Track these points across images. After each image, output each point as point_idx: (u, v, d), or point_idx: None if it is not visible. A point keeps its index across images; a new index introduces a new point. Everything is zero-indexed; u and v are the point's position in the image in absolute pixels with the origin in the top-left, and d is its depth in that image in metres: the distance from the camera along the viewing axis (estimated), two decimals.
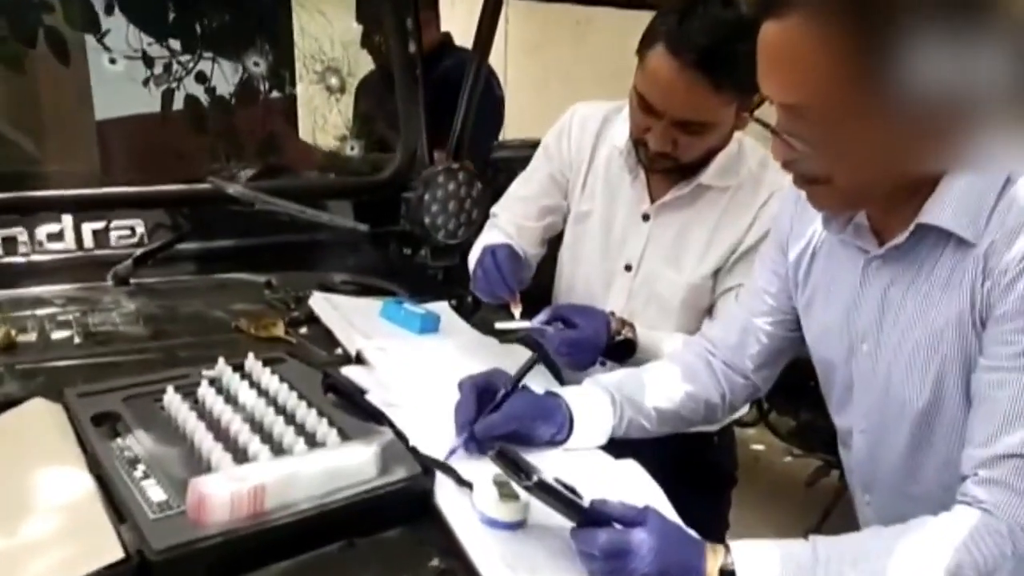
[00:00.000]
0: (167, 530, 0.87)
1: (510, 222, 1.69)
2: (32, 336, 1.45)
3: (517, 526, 1.00)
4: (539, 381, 1.31)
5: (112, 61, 2.03)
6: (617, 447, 1.25)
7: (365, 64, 2.16)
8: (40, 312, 1.56)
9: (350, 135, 2.29)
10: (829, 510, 2.94)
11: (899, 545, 0.91)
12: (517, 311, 1.46)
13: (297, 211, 1.48)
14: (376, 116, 2.29)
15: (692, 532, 1.00)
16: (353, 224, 1.43)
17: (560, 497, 0.94)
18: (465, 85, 1.99)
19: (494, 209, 1.75)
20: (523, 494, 0.97)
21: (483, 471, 1.03)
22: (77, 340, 1.45)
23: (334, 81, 2.18)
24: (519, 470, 0.95)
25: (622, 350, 1.45)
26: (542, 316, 1.42)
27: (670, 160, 1.46)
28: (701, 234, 1.53)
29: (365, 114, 2.36)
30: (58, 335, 1.47)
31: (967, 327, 0.97)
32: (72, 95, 3.20)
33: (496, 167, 2.44)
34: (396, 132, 1.99)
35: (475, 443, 1.14)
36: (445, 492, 1.05)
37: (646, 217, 1.57)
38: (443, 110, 2.01)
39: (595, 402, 1.25)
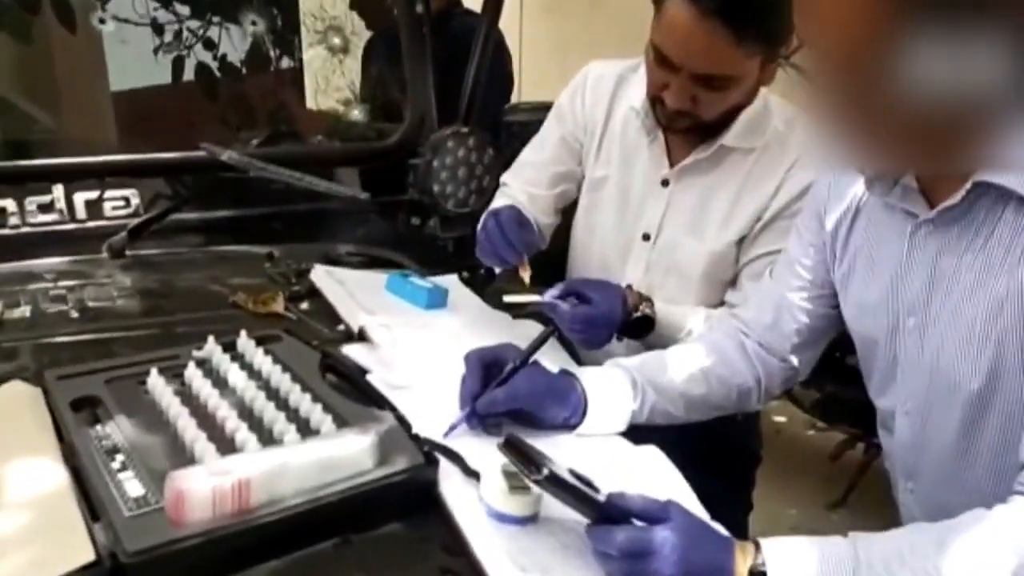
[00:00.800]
0: (143, 529, 0.80)
1: (521, 190, 1.60)
2: (22, 312, 1.39)
3: (528, 521, 0.92)
4: (553, 359, 1.23)
5: (102, 21, 1.92)
6: (635, 431, 1.17)
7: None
8: (31, 287, 1.49)
9: (355, 99, 2.19)
10: (854, 485, 2.88)
11: (954, 541, 0.82)
12: (526, 275, 1.37)
13: (294, 178, 1.39)
14: (382, 79, 2.19)
15: (719, 527, 0.91)
16: (353, 192, 1.34)
17: (574, 491, 0.86)
18: (475, 48, 1.89)
19: (504, 177, 1.67)
20: (534, 486, 0.89)
21: (492, 460, 0.95)
22: (69, 316, 1.39)
23: (336, 41, 2.07)
24: (529, 461, 0.86)
25: (640, 326, 1.36)
26: (554, 291, 1.33)
27: (690, 119, 1.36)
28: (724, 199, 1.43)
29: (371, 77, 2.26)
30: (49, 311, 1.41)
31: None
32: (83, 63, 3.14)
33: (510, 132, 2.33)
34: (403, 95, 1.89)
35: (478, 419, 1.08)
36: (450, 483, 0.97)
37: (665, 183, 1.47)
38: (450, 76, 1.91)
39: (614, 384, 1.17)
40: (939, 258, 0.96)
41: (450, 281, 1.58)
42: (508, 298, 1.39)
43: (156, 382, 1.03)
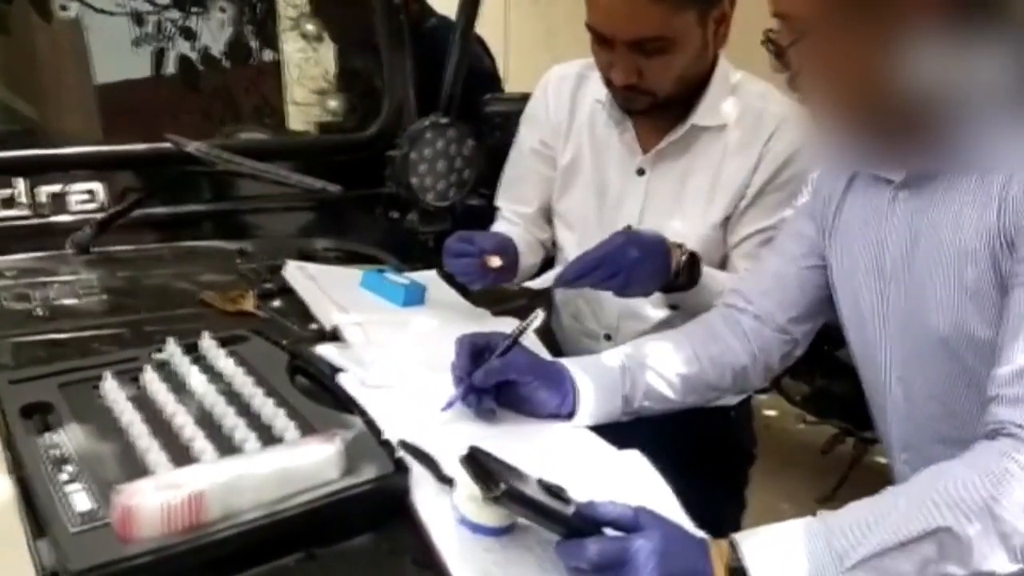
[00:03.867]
0: (89, 547, 0.74)
1: (512, 212, 1.58)
2: None
3: (503, 532, 0.86)
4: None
5: (63, 8, 1.85)
6: (629, 427, 1.13)
7: None
8: None
9: (331, 89, 2.13)
10: (845, 478, 2.85)
11: (915, 490, 0.82)
12: (496, 262, 1.34)
13: (260, 171, 1.34)
14: (356, 69, 2.13)
15: (694, 531, 0.88)
16: (323, 184, 1.28)
17: (537, 507, 0.80)
18: (454, 37, 1.83)
19: (497, 202, 1.64)
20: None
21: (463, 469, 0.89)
22: (32, 315, 1.34)
23: (310, 28, 2.00)
24: (488, 476, 0.80)
25: (689, 272, 1.31)
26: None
27: (646, 96, 1.33)
28: (703, 180, 1.40)
29: (345, 66, 2.19)
30: (10, 309, 1.35)
31: (997, 245, 0.89)
32: (65, 56, 3.08)
33: (492, 123, 2.27)
34: (378, 85, 1.84)
35: (475, 395, 1.06)
36: (422, 492, 0.91)
37: (641, 172, 1.43)
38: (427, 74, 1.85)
39: (600, 370, 1.13)
40: (915, 218, 0.98)
41: (429, 277, 1.53)
42: (529, 283, 1.35)
43: (110, 387, 0.97)
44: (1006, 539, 0.78)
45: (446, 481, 0.92)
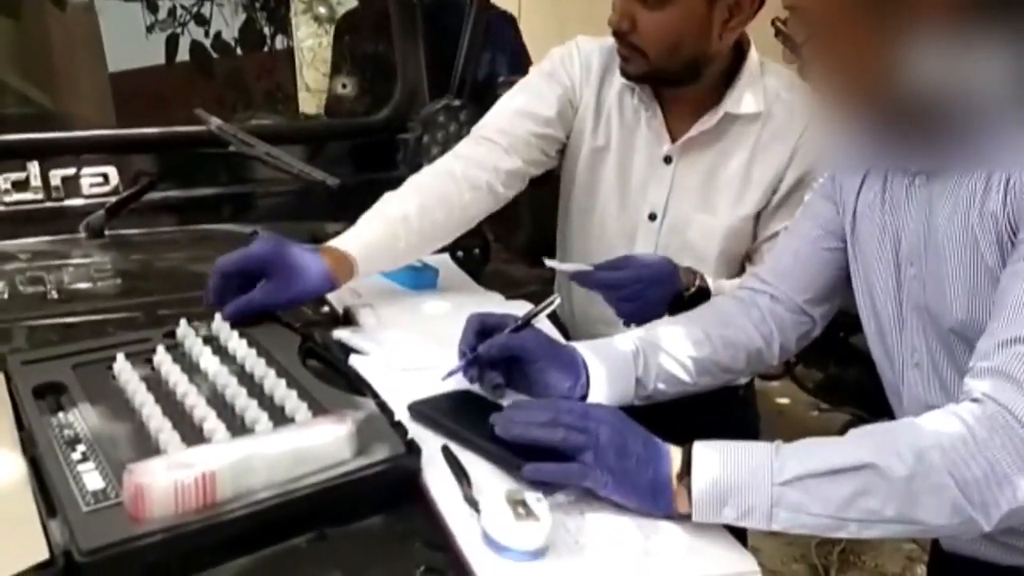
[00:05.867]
0: (101, 526, 0.74)
1: (497, 131, 1.42)
2: None
3: (538, 555, 0.82)
4: None
5: None
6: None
7: None
8: (7, 267, 1.44)
9: (342, 72, 2.12)
10: None
11: (866, 431, 0.87)
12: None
13: (273, 156, 1.33)
14: (366, 54, 2.11)
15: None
16: (322, 176, 1.28)
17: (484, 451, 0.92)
18: (467, 20, 1.82)
19: (477, 128, 1.47)
20: (544, 513, 0.82)
21: (494, 486, 0.89)
22: (46, 298, 1.34)
23: (323, 11, 2.00)
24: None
25: (695, 302, 1.29)
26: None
27: (638, 54, 1.31)
28: (735, 171, 1.37)
29: (347, 52, 2.17)
30: (23, 293, 1.35)
31: (1003, 230, 0.89)
32: (80, 44, 3.09)
33: None
34: (389, 69, 1.83)
35: (476, 369, 1.06)
36: (433, 472, 0.91)
37: (668, 160, 1.41)
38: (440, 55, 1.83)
39: (612, 352, 1.12)
40: (931, 206, 0.97)
41: (442, 261, 1.52)
42: (551, 263, 1.34)
43: (123, 367, 0.97)
44: (938, 491, 0.79)
45: (472, 503, 0.87)
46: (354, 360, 1.14)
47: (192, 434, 0.87)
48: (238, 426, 0.89)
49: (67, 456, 0.84)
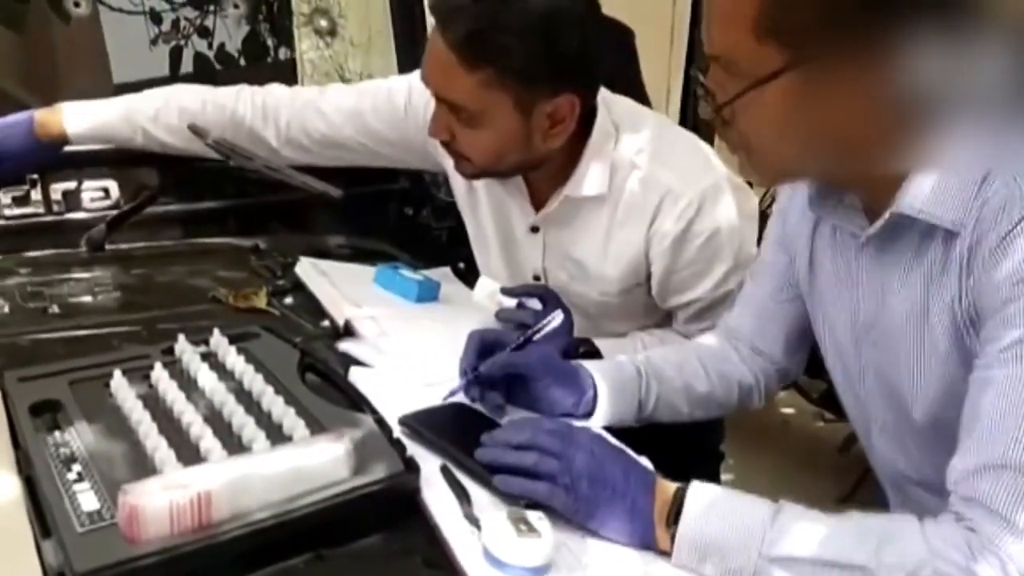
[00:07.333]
0: (95, 547, 0.74)
1: (334, 107, 1.43)
2: None
3: (539, 573, 0.81)
4: None
5: (76, 4, 1.85)
6: None
7: (357, 4, 1.97)
8: (7, 282, 1.43)
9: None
10: (863, 477, 2.81)
11: (872, 526, 0.80)
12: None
13: (271, 169, 1.33)
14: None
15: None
16: (325, 187, 1.27)
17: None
18: None
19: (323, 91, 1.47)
20: (546, 530, 0.82)
21: (495, 503, 0.89)
22: (46, 312, 1.33)
23: (323, 24, 1.99)
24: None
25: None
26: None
27: (463, 160, 1.25)
28: (592, 249, 1.32)
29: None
30: (24, 307, 1.35)
31: (959, 317, 0.84)
32: (84, 55, 3.09)
33: None
34: None
35: (477, 388, 1.06)
36: (432, 490, 0.90)
37: (535, 229, 1.37)
38: None
39: (620, 372, 1.11)
40: (885, 275, 0.91)
41: (443, 274, 1.52)
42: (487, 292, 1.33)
43: (120, 384, 0.97)
44: None
45: (473, 521, 0.86)
46: (355, 372, 1.14)
47: (188, 453, 0.86)
48: (235, 444, 0.89)
49: (63, 476, 0.83)
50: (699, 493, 0.86)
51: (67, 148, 1.42)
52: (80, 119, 1.39)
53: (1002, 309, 0.78)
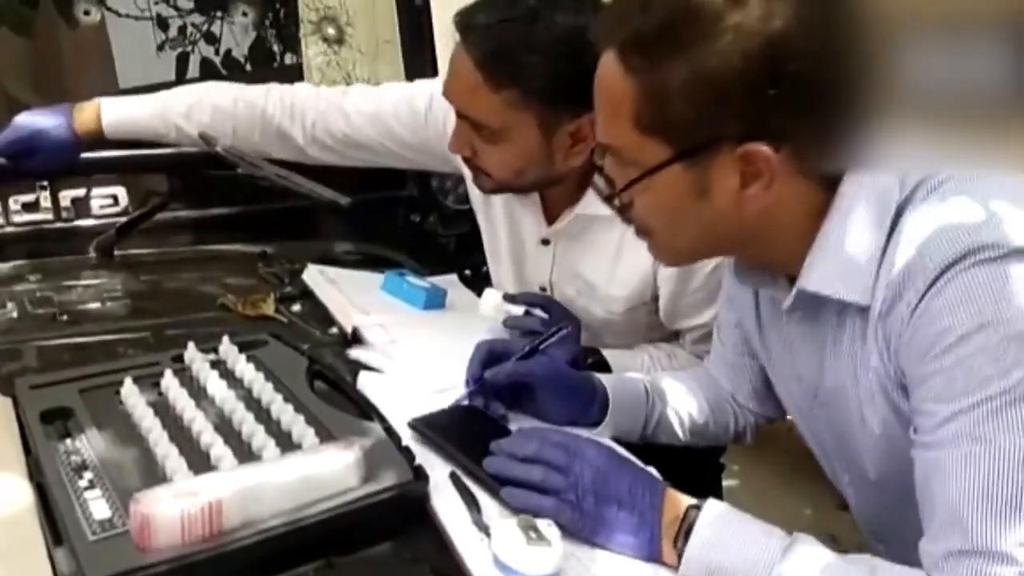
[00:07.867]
0: (107, 555, 0.74)
1: (355, 108, 1.45)
2: (7, 315, 1.33)
3: None
4: None
5: (86, 13, 1.86)
6: None
7: (365, 12, 1.98)
8: (16, 288, 1.44)
9: None
10: None
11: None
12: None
13: (278, 176, 1.33)
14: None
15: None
16: (333, 195, 1.28)
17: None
18: None
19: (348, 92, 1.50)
20: (556, 539, 0.82)
21: (504, 511, 0.89)
22: (55, 319, 1.33)
23: (331, 31, 2.00)
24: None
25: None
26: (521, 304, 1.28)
27: (484, 175, 1.27)
28: (601, 267, 1.32)
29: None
30: (33, 313, 1.35)
31: (891, 390, 0.83)
32: (91, 61, 3.11)
33: None
34: None
35: (481, 398, 1.06)
36: (441, 498, 0.91)
37: (546, 241, 1.37)
38: None
39: (630, 385, 1.11)
40: (816, 343, 0.91)
41: (450, 281, 1.52)
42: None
43: (130, 391, 0.97)
44: None
45: (483, 528, 0.87)
46: (364, 378, 1.14)
47: (199, 461, 0.87)
48: (245, 452, 0.89)
49: (74, 483, 0.84)
50: (711, 518, 0.84)
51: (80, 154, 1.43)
52: (117, 113, 1.43)
53: (929, 380, 0.77)
